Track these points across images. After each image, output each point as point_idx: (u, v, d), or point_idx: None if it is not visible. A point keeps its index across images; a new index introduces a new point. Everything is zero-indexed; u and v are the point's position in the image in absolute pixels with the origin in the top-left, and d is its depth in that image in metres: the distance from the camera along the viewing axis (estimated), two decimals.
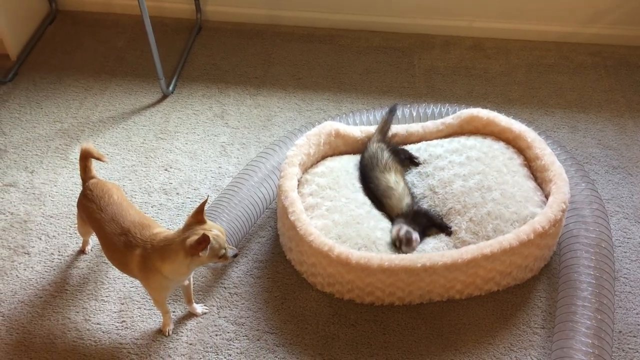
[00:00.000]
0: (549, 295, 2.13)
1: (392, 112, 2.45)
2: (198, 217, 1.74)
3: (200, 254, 1.70)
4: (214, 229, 1.75)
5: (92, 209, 1.89)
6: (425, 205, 2.24)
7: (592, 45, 3.12)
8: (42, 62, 3.07)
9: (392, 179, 2.24)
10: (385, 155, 2.29)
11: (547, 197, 2.17)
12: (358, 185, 2.29)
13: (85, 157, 1.98)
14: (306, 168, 2.32)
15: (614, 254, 2.13)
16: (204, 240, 1.67)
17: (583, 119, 2.77)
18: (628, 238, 2.30)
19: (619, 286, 2.15)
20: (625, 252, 2.26)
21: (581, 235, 2.12)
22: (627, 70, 3.00)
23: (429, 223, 2.18)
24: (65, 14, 3.35)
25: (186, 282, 1.98)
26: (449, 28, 3.18)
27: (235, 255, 1.81)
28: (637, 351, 1.98)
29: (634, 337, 2.02)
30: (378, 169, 2.26)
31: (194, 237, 1.69)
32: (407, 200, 2.21)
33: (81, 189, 1.99)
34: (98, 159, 1.99)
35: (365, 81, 2.96)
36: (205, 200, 1.75)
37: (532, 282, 2.16)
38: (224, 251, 1.76)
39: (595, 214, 2.17)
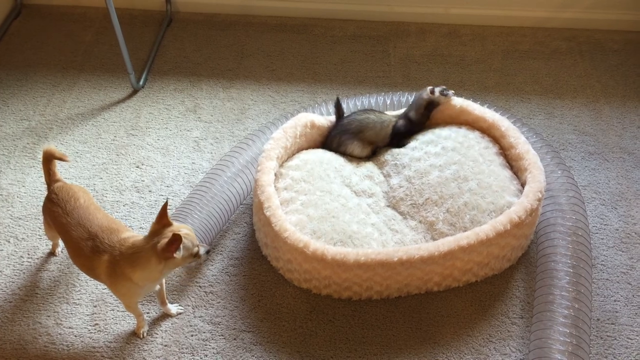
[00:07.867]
0: (527, 284, 2.12)
1: (337, 107, 2.35)
2: (162, 221, 1.69)
3: (175, 254, 1.65)
4: (183, 229, 1.71)
5: (58, 213, 1.83)
6: (401, 194, 2.22)
7: (567, 30, 3.11)
8: (8, 58, 2.98)
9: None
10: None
11: (523, 185, 2.15)
12: (333, 176, 2.26)
13: (48, 160, 1.91)
14: (282, 161, 2.28)
15: (590, 241, 2.12)
16: (175, 240, 1.63)
17: (559, 105, 2.75)
18: (605, 224, 2.29)
19: (597, 273, 2.15)
20: (602, 238, 2.25)
21: (558, 223, 2.11)
22: (602, 54, 2.98)
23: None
24: (31, 8, 3.25)
25: (157, 287, 1.93)
26: (424, 15, 3.14)
27: (207, 252, 1.78)
28: (615, 338, 1.98)
29: (612, 324, 2.02)
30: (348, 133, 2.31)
31: (164, 241, 1.64)
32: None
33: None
34: (61, 159, 1.93)
35: (340, 71, 2.91)
36: (166, 203, 1.69)
37: (510, 272, 2.15)
38: (197, 249, 1.73)
39: (572, 202, 2.16)
